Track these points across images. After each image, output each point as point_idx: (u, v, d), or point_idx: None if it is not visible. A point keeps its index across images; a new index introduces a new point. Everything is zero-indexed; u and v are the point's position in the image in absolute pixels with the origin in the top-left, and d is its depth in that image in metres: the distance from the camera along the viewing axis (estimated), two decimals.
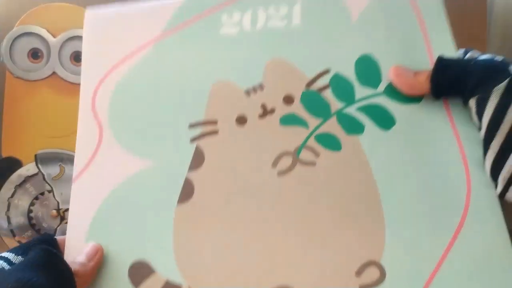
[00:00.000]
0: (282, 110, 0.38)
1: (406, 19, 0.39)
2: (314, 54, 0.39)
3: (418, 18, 0.39)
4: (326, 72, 0.38)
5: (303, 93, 0.38)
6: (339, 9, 0.40)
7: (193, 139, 0.38)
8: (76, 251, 0.36)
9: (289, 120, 0.38)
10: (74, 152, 0.58)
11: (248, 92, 0.39)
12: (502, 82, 0.32)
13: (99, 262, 0.36)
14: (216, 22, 0.41)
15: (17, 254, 0.34)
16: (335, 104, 0.38)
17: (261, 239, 0.35)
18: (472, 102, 0.34)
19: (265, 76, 0.39)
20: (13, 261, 0.33)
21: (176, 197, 0.37)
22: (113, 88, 0.40)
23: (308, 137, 0.37)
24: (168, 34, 0.41)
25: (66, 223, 0.41)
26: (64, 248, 0.38)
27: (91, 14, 0.43)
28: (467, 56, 0.37)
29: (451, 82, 0.35)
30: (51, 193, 0.58)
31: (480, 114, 0.33)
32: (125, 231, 0.37)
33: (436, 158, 0.35)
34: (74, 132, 0.41)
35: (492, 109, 0.32)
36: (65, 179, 0.58)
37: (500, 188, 0.33)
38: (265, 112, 0.38)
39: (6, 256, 0.34)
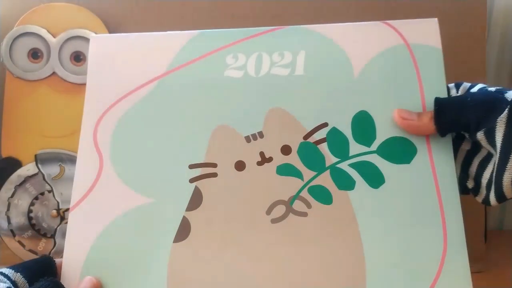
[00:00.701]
0: (279, 159, 0.39)
1: (407, 76, 0.40)
2: (314, 107, 0.40)
3: (417, 75, 0.40)
4: (324, 126, 0.40)
5: (300, 144, 0.40)
6: (343, 62, 0.41)
7: (192, 180, 0.39)
8: (71, 282, 0.37)
9: (285, 170, 0.39)
10: (74, 152, 0.58)
11: (248, 139, 0.40)
12: (503, 111, 0.34)
13: None
14: (221, 63, 0.42)
15: (16, 271, 0.34)
16: (330, 158, 0.39)
17: (252, 282, 0.37)
18: (480, 135, 0.36)
19: (265, 124, 0.40)
20: (13, 278, 0.34)
21: (172, 235, 0.38)
22: (116, 122, 0.41)
23: (302, 189, 0.39)
24: (173, 71, 0.42)
25: (66, 223, 0.42)
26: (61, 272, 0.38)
27: (96, 40, 0.43)
28: (460, 88, 0.39)
29: (453, 121, 0.37)
30: (51, 193, 0.58)
31: (492, 144, 0.36)
32: (120, 266, 0.38)
33: (418, 221, 0.37)
34: (74, 132, 0.41)
35: (501, 137, 0.34)
36: (65, 179, 0.58)
37: None
38: (263, 160, 0.39)
39: (5, 273, 0.34)
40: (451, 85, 0.40)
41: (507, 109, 0.34)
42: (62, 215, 0.58)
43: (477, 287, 0.35)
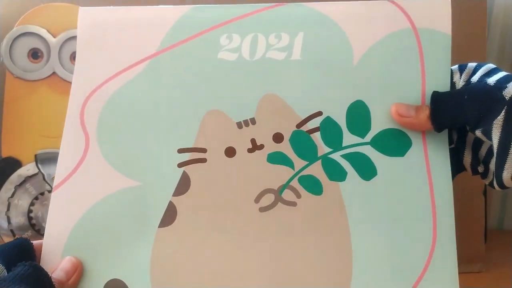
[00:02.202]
0: (270, 147, 0.38)
1: (409, 65, 0.38)
2: (309, 94, 0.39)
3: (421, 64, 0.38)
4: (318, 114, 0.39)
5: (293, 133, 0.39)
6: (343, 46, 0.39)
7: (180, 164, 0.39)
8: (52, 263, 0.37)
9: (276, 158, 0.38)
10: None
11: (240, 125, 0.39)
12: (499, 113, 0.33)
13: (77, 280, 0.36)
14: (215, 43, 0.40)
15: None
16: (322, 148, 0.38)
17: (237, 271, 0.37)
18: (479, 133, 0.35)
19: (258, 111, 0.39)
20: None
21: (158, 219, 0.38)
22: (104, 102, 0.40)
23: (292, 178, 0.38)
24: (165, 51, 0.40)
25: None
26: (40, 254, 0.37)
27: (85, 14, 0.41)
28: (464, 73, 0.38)
29: (450, 119, 0.36)
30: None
31: (491, 141, 0.35)
32: (103, 248, 0.37)
33: (407, 215, 0.37)
34: None
35: (497, 140, 0.34)
36: None
37: None
38: (254, 147, 0.39)
39: None
40: (455, 68, 0.38)
41: (503, 112, 0.33)
42: None
43: (477, 287, 0.35)
